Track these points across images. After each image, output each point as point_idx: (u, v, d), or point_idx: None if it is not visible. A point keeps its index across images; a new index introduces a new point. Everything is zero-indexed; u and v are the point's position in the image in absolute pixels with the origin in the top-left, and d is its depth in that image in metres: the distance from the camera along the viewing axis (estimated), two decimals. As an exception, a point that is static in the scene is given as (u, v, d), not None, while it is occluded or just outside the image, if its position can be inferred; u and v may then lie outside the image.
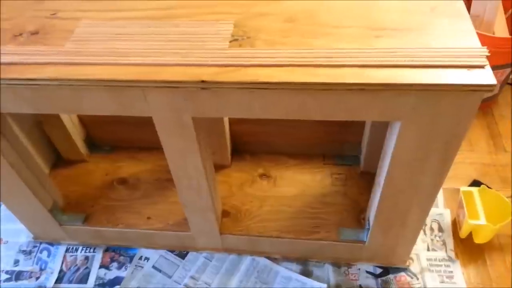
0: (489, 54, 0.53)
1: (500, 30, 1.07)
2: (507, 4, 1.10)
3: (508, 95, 1.21)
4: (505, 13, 1.10)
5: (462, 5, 0.61)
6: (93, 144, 1.06)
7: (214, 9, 0.66)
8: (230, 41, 0.60)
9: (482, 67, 0.52)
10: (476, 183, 1.00)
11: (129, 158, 1.04)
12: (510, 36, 1.06)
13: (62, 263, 0.97)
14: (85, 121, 1.03)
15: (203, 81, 0.55)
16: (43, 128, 0.96)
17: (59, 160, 1.04)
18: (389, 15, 0.61)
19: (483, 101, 1.18)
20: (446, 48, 0.55)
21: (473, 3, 1.06)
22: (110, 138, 1.05)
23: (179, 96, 0.58)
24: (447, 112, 0.55)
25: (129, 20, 0.65)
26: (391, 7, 0.62)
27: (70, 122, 0.97)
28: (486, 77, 0.51)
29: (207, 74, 0.55)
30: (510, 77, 1.16)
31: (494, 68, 1.09)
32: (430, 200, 0.70)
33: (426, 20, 0.59)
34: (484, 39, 1.02)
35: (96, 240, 0.97)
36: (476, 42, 0.55)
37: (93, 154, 1.06)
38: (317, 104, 0.57)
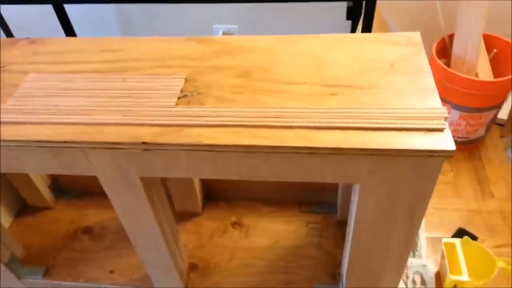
0: (448, 116, 0.49)
1: (483, 72, 1.03)
2: (490, 45, 1.07)
3: (495, 136, 1.17)
4: (488, 54, 1.07)
5: (424, 60, 0.57)
6: (59, 189, 1.02)
7: (167, 62, 0.63)
8: (179, 97, 0.56)
9: (441, 130, 0.48)
10: (461, 232, 0.95)
11: (96, 204, 1.00)
12: (493, 80, 1.02)
13: (23, 318, 0.92)
14: (52, 166, 0.99)
15: (144, 143, 0.51)
16: (5, 175, 0.93)
17: (24, 206, 1.00)
18: (344, 70, 0.57)
19: (470, 143, 1.14)
20: (404, 108, 0.51)
21: (455, 44, 1.03)
22: (76, 184, 1.01)
23: (123, 157, 0.54)
24: (406, 176, 0.50)
25: (77, 74, 0.62)
26: (347, 63, 0.58)
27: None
28: (445, 141, 0.47)
29: (148, 135, 0.52)
30: (497, 117, 1.12)
31: (479, 110, 1.06)
32: (402, 262, 0.65)
33: (385, 77, 0.56)
34: (469, 83, 0.98)
35: (57, 293, 0.92)
36: (437, 102, 0.51)
37: (60, 200, 1.01)
38: (268, 166, 0.53)
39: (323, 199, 0.95)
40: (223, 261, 0.87)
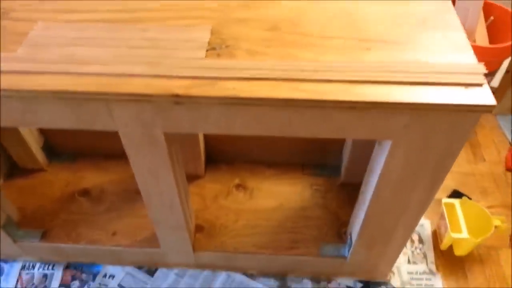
0: (486, 72, 0.49)
1: (480, 38, 1.05)
2: (488, 12, 1.08)
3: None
4: (485, 21, 1.08)
5: (455, 17, 0.57)
6: (52, 151, 0.98)
7: (188, 13, 0.59)
8: (207, 50, 0.54)
9: (480, 85, 0.48)
10: (456, 193, 0.98)
11: (92, 167, 0.96)
12: (490, 46, 1.05)
13: (17, 281, 0.88)
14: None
15: (176, 95, 0.49)
16: (-5, 134, 0.87)
17: (14, 168, 0.95)
18: (377, 26, 0.56)
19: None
20: (441, 63, 0.51)
21: (455, 10, 1.04)
22: (71, 145, 0.97)
23: (150, 111, 0.52)
24: (441, 131, 0.51)
25: (89, 23, 0.57)
26: (379, 17, 0.57)
27: (27, 128, 0.88)
28: (485, 96, 0.47)
29: (180, 87, 0.49)
30: (490, 85, 1.15)
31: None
32: (417, 217, 0.67)
33: (417, 32, 0.55)
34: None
35: (55, 256, 0.89)
36: (473, 58, 0.51)
37: (52, 163, 0.97)
38: (302, 121, 0.52)
39: (325, 162, 0.96)
40: (228, 222, 0.87)
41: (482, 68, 0.50)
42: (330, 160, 0.96)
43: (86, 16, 0.59)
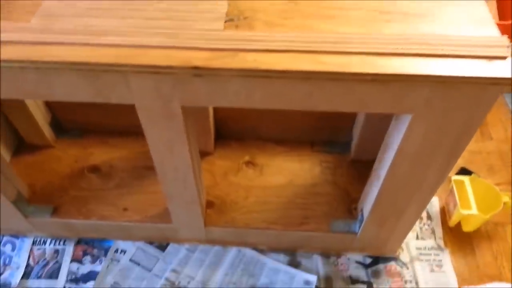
0: (510, 44, 0.49)
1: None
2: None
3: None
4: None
5: (477, -12, 0.56)
6: (60, 127, 0.97)
7: (204, -18, 0.58)
8: (225, 21, 0.53)
9: (503, 58, 0.48)
10: (464, 171, 0.99)
11: (101, 143, 0.96)
12: (501, 22, 1.03)
13: (29, 257, 0.89)
14: (50, 102, 0.93)
15: (196, 67, 0.48)
16: (2, 109, 0.86)
17: (21, 145, 0.95)
18: (398, -3, 0.55)
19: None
20: (463, 36, 0.50)
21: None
22: (79, 121, 0.96)
23: (168, 83, 0.51)
24: (462, 105, 0.51)
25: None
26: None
27: (33, 103, 0.87)
28: (508, 69, 0.47)
29: (200, 59, 0.48)
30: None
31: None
32: (431, 194, 0.67)
33: (438, 5, 0.54)
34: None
35: (66, 232, 0.89)
36: (495, 31, 0.51)
37: (60, 139, 0.96)
38: (323, 94, 0.51)
39: (335, 139, 0.96)
40: (239, 199, 0.87)
41: (505, 41, 0.49)
42: (339, 138, 0.95)
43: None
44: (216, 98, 0.53)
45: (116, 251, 0.89)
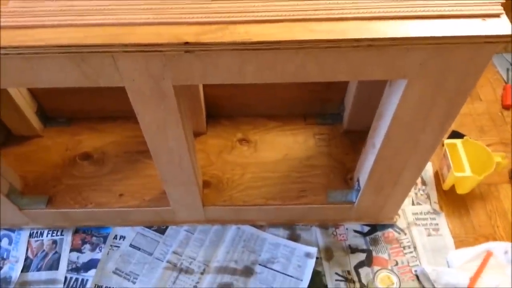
0: (504, 1, 0.48)
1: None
2: None
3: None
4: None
5: None
6: (46, 116, 0.95)
7: (187, -46, 0.55)
8: (212, -7, 0.51)
9: (497, 16, 0.47)
10: (455, 134, 1.00)
11: (89, 130, 0.94)
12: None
13: (27, 250, 0.88)
14: (35, 91, 0.90)
15: (186, 43, 0.47)
16: (-14, 102, 0.84)
17: (9, 136, 0.92)
18: (389, -42, 0.54)
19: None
20: (458, -5, 0.49)
21: None
22: (65, 109, 0.94)
23: (158, 62, 0.50)
24: (456, 66, 0.50)
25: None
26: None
27: (18, 93, 0.84)
28: (503, 27, 0.46)
29: (190, 34, 0.47)
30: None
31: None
32: (426, 158, 0.67)
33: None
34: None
35: (63, 222, 0.88)
36: (488, -12, 0.50)
37: (48, 128, 0.94)
38: (316, 64, 0.50)
39: (327, 111, 0.96)
40: (235, 176, 0.87)
41: (499, -2, 0.49)
42: (331, 109, 0.95)
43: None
44: (208, 74, 0.52)
45: (115, 237, 0.89)
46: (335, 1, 0.49)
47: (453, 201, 0.91)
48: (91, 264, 0.86)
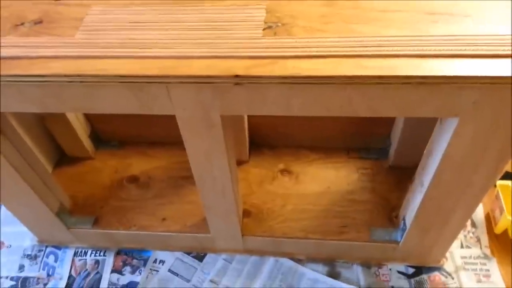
0: None
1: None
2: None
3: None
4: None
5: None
6: (99, 139, 0.99)
7: (242, -8, 0.58)
8: (264, 29, 0.53)
9: (558, 55, 0.46)
10: (508, 175, 0.95)
11: (139, 154, 0.97)
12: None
13: (71, 268, 0.91)
14: (90, 116, 0.96)
15: (237, 76, 0.48)
16: (44, 123, 0.89)
17: (62, 157, 0.97)
18: (441, -1, 0.54)
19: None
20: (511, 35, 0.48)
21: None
22: (117, 133, 0.98)
23: (208, 93, 0.51)
24: (509, 106, 0.49)
25: (144, 6, 0.57)
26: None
27: (74, 116, 0.90)
28: None
29: (241, 68, 0.48)
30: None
31: None
32: (477, 200, 0.64)
33: (485, 4, 0.52)
34: None
35: (106, 242, 0.91)
36: (547, 27, 0.49)
37: (100, 151, 0.99)
38: (364, 100, 0.50)
39: (371, 145, 0.94)
40: (276, 207, 0.87)
41: (560, 38, 0.47)
42: (376, 143, 0.93)
43: (139, -1, 0.59)
44: (255, 106, 0.53)
45: (155, 261, 0.90)
46: (385, 38, 0.49)
47: (506, 246, 0.86)
48: (130, 287, 0.87)
